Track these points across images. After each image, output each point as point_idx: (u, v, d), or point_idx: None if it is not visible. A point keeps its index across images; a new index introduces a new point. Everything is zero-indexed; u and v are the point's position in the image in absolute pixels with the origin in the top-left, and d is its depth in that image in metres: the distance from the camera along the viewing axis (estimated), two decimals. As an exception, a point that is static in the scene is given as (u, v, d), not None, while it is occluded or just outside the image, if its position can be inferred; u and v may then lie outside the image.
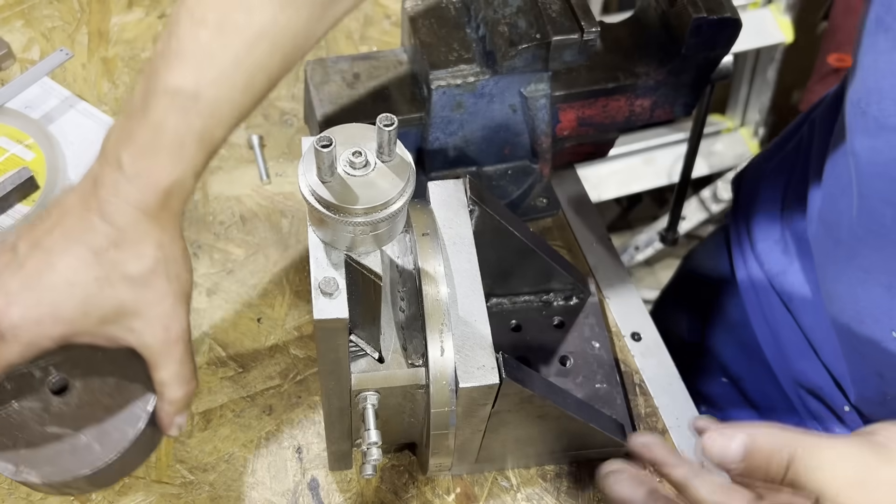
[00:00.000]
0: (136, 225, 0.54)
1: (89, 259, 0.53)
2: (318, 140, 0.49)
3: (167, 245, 0.55)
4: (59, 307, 0.54)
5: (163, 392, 0.59)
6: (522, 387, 0.60)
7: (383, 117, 0.51)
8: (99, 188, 0.54)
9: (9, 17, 1.03)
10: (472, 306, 0.60)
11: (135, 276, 0.54)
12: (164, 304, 0.56)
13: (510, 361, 0.60)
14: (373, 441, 0.61)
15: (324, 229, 0.54)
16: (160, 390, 0.59)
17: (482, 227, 0.69)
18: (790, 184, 0.87)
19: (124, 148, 0.54)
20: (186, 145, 0.54)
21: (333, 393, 0.61)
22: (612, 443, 0.72)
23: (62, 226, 0.55)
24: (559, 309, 0.83)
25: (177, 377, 0.58)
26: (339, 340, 0.55)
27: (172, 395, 0.59)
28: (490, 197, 0.69)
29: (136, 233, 0.54)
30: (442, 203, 0.65)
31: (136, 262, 0.54)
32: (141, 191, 0.54)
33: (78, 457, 0.61)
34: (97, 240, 0.54)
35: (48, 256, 0.54)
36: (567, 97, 0.82)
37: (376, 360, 0.62)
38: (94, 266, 0.53)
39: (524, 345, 0.80)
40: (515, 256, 0.75)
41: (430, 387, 0.59)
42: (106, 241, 0.54)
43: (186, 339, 0.58)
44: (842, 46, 1.73)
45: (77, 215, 0.54)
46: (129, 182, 0.53)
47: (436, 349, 0.58)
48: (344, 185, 0.52)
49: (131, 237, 0.54)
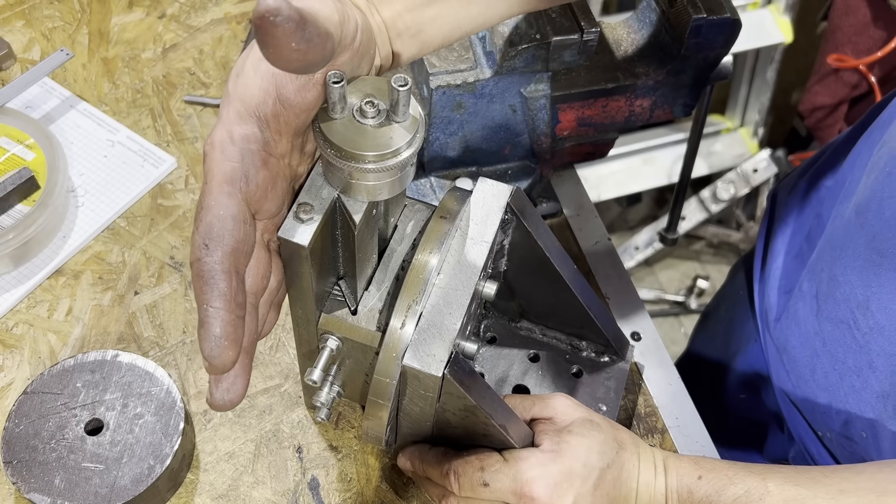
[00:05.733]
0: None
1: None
2: (331, 76, 0.49)
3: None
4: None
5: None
6: (464, 392, 0.59)
7: (397, 78, 0.50)
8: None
9: (9, 18, 1.03)
10: (455, 299, 0.60)
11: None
12: None
13: (463, 364, 0.59)
14: (313, 379, 0.61)
15: (324, 164, 0.55)
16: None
17: (519, 241, 0.68)
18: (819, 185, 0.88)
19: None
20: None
21: (301, 322, 0.63)
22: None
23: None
24: (585, 359, 0.79)
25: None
26: (302, 268, 0.55)
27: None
28: (535, 217, 0.68)
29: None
30: (481, 200, 0.65)
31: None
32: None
33: (110, 490, 0.68)
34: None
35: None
36: (567, 97, 0.82)
37: (350, 312, 0.62)
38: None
39: (531, 377, 0.78)
40: (552, 288, 0.73)
41: (379, 353, 0.59)
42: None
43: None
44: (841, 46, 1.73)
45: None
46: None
47: (398, 320, 0.58)
48: (348, 127, 0.52)
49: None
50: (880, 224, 0.69)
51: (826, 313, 0.76)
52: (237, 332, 0.49)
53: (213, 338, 0.48)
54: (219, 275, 0.48)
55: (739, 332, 0.98)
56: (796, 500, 0.58)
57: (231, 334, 0.49)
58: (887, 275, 0.69)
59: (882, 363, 0.71)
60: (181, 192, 0.92)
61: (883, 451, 0.73)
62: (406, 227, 0.65)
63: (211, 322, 0.48)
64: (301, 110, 0.50)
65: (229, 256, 0.49)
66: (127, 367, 0.74)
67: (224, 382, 0.52)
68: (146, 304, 0.84)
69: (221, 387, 0.52)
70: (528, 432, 0.65)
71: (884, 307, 0.69)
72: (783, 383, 0.85)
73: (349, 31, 0.48)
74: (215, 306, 0.48)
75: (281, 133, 0.51)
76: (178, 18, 1.05)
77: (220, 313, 0.48)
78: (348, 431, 0.78)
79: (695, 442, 0.81)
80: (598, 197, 1.96)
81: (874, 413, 0.72)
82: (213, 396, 0.52)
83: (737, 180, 1.98)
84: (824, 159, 0.89)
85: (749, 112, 2.09)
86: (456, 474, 0.63)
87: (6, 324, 0.82)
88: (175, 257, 0.87)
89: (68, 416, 0.71)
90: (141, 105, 0.98)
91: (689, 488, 0.62)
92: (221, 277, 0.48)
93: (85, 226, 0.88)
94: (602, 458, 0.62)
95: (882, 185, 0.70)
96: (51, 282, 0.85)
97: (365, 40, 0.51)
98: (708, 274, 2.11)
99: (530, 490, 0.60)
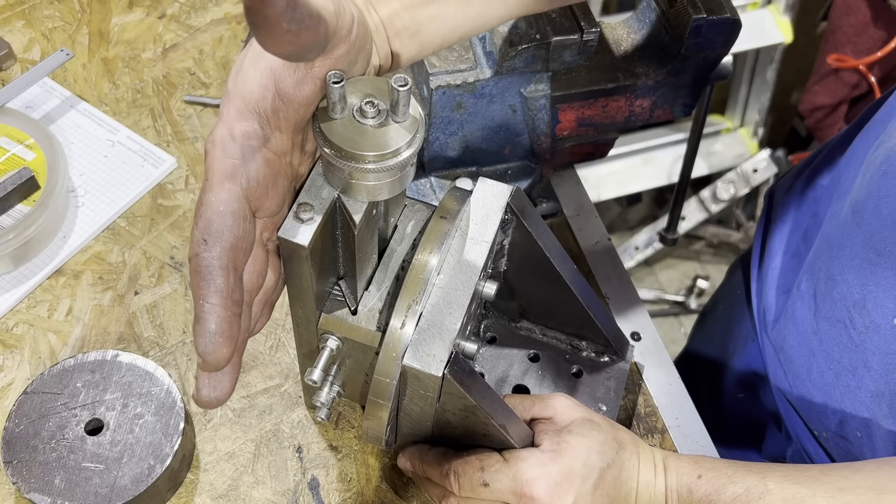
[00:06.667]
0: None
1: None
2: (331, 76, 0.49)
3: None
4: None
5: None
6: (464, 392, 0.59)
7: (397, 78, 0.51)
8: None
9: (9, 18, 1.03)
10: (455, 299, 0.60)
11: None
12: None
13: (463, 364, 0.59)
14: (313, 379, 0.61)
15: (324, 164, 0.55)
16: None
17: (519, 241, 0.68)
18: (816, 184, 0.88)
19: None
20: None
21: (301, 322, 0.63)
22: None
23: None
24: (585, 359, 0.79)
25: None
26: (302, 268, 0.55)
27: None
28: (535, 217, 0.68)
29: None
30: (481, 200, 0.65)
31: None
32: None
33: (110, 490, 0.68)
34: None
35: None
36: (567, 97, 0.82)
37: (350, 312, 0.63)
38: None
39: (531, 377, 0.78)
40: (552, 288, 0.73)
41: (379, 353, 0.59)
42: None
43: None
44: (841, 47, 1.73)
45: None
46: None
47: (398, 320, 0.58)
48: (348, 127, 0.52)
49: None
50: (877, 223, 0.69)
51: (824, 312, 0.77)
52: (233, 330, 0.49)
53: (207, 333, 0.48)
54: (216, 271, 0.48)
55: (737, 331, 0.98)
56: (795, 498, 0.58)
57: (226, 331, 0.49)
58: (884, 273, 0.69)
59: (877, 362, 0.71)
60: (181, 192, 0.92)
61: (877, 450, 0.73)
62: (406, 227, 0.65)
63: (207, 318, 0.48)
64: (300, 105, 0.50)
65: (228, 252, 0.49)
66: (127, 367, 0.74)
67: (212, 379, 0.52)
68: (146, 304, 0.84)
69: (209, 383, 0.51)
70: (528, 432, 0.65)
71: (879, 306, 0.70)
72: (780, 382, 0.85)
73: (345, 22, 0.48)
74: (212, 302, 0.48)
75: (281, 129, 0.51)
76: (179, 18, 1.05)
77: (217, 309, 0.48)
78: (348, 431, 0.78)
79: (695, 442, 0.81)
80: (598, 197, 1.96)
81: (869, 412, 0.73)
82: (200, 393, 0.52)
83: (737, 180, 1.98)
84: (821, 158, 0.89)
85: (749, 112, 2.09)
86: (456, 474, 0.63)
87: (6, 324, 0.82)
88: (175, 257, 0.87)
89: (68, 416, 0.71)
90: (141, 105, 0.98)
91: (688, 487, 0.62)
92: (219, 273, 0.48)
93: (85, 226, 0.88)
94: (602, 458, 0.62)
95: (878, 184, 0.70)
96: (51, 282, 0.85)
97: (361, 34, 0.51)
98: (708, 274, 2.11)
99: (530, 490, 0.60)
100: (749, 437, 1.01)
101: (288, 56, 0.44)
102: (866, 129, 0.80)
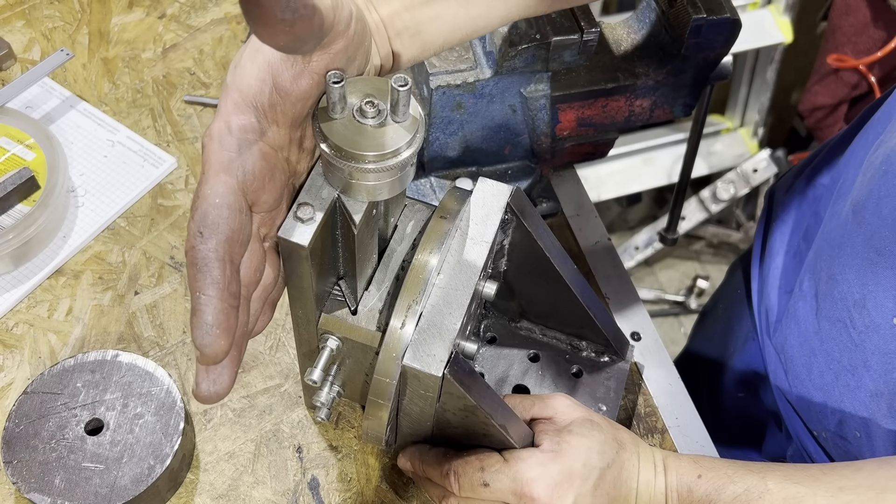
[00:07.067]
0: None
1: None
2: (331, 76, 0.49)
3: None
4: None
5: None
6: (464, 392, 0.59)
7: (397, 78, 0.51)
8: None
9: (9, 18, 1.03)
10: (455, 299, 0.60)
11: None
12: None
13: (463, 364, 0.59)
14: (313, 379, 0.61)
15: (324, 164, 0.55)
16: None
17: (518, 241, 0.68)
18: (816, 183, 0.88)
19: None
20: None
21: (301, 322, 0.63)
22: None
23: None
24: (585, 359, 0.79)
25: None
26: (301, 268, 0.55)
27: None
28: (535, 217, 0.68)
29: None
30: (481, 200, 0.65)
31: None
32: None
33: (110, 490, 0.68)
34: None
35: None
36: (567, 97, 0.82)
37: (350, 312, 0.63)
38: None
39: (531, 377, 0.78)
40: (552, 288, 0.72)
41: (379, 353, 0.59)
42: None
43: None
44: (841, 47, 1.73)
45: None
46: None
47: (398, 320, 0.58)
48: (348, 127, 0.52)
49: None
50: (877, 222, 0.69)
51: (825, 312, 0.77)
52: (230, 322, 0.49)
53: (204, 325, 0.48)
54: (213, 262, 0.48)
55: (737, 330, 0.98)
56: (795, 497, 0.58)
57: (223, 323, 0.48)
58: (884, 273, 0.69)
59: (876, 361, 0.71)
60: (181, 192, 0.92)
61: (877, 449, 0.73)
62: (406, 227, 0.65)
63: (203, 310, 0.48)
64: (297, 99, 0.50)
65: (224, 245, 0.49)
66: (127, 367, 0.74)
67: (211, 373, 0.51)
68: (146, 304, 0.84)
69: (208, 378, 0.51)
70: (528, 432, 0.65)
71: (879, 305, 0.70)
72: (780, 382, 0.85)
73: (343, 16, 0.48)
74: (208, 294, 0.48)
75: (278, 123, 0.51)
76: (178, 18, 1.05)
77: (213, 301, 0.48)
78: (348, 431, 0.78)
79: (695, 442, 0.81)
80: (598, 197, 1.96)
81: (868, 412, 0.73)
82: (199, 387, 0.51)
83: (737, 180, 1.98)
84: (821, 158, 0.89)
85: (749, 112, 2.09)
86: (456, 474, 0.63)
87: (6, 324, 0.82)
88: (175, 257, 0.87)
89: (68, 416, 0.71)
90: (141, 105, 0.98)
91: (688, 487, 0.62)
92: (215, 265, 0.48)
93: (85, 226, 0.88)
94: (602, 458, 0.62)
95: (878, 183, 0.70)
96: (51, 282, 0.85)
97: (360, 30, 0.51)
98: (708, 274, 2.11)
99: (530, 490, 0.60)
100: (749, 436, 1.01)
101: (283, 47, 0.44)
102: (866, 128, 0.80)
